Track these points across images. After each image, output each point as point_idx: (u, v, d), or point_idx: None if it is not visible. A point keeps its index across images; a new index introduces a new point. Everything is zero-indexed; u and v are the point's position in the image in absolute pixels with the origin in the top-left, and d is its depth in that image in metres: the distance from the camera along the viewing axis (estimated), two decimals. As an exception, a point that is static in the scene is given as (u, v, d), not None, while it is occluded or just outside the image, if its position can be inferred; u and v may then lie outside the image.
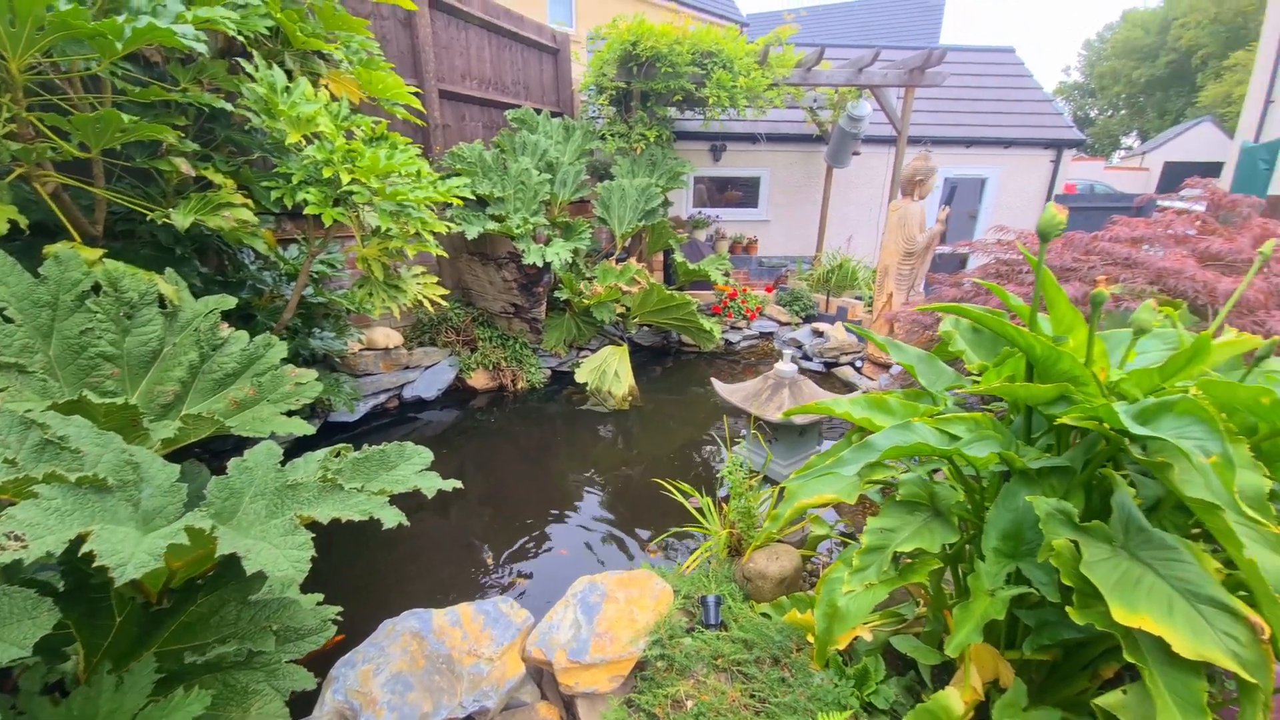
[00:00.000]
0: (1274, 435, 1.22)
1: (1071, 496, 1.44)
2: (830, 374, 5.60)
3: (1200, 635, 1.09)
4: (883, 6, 22.84)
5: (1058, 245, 2.57)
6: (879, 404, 1.89)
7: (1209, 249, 2.20)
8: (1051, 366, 1.45)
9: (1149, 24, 32.41)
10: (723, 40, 5.53)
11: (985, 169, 8.82)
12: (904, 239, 4.44)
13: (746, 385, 2.84)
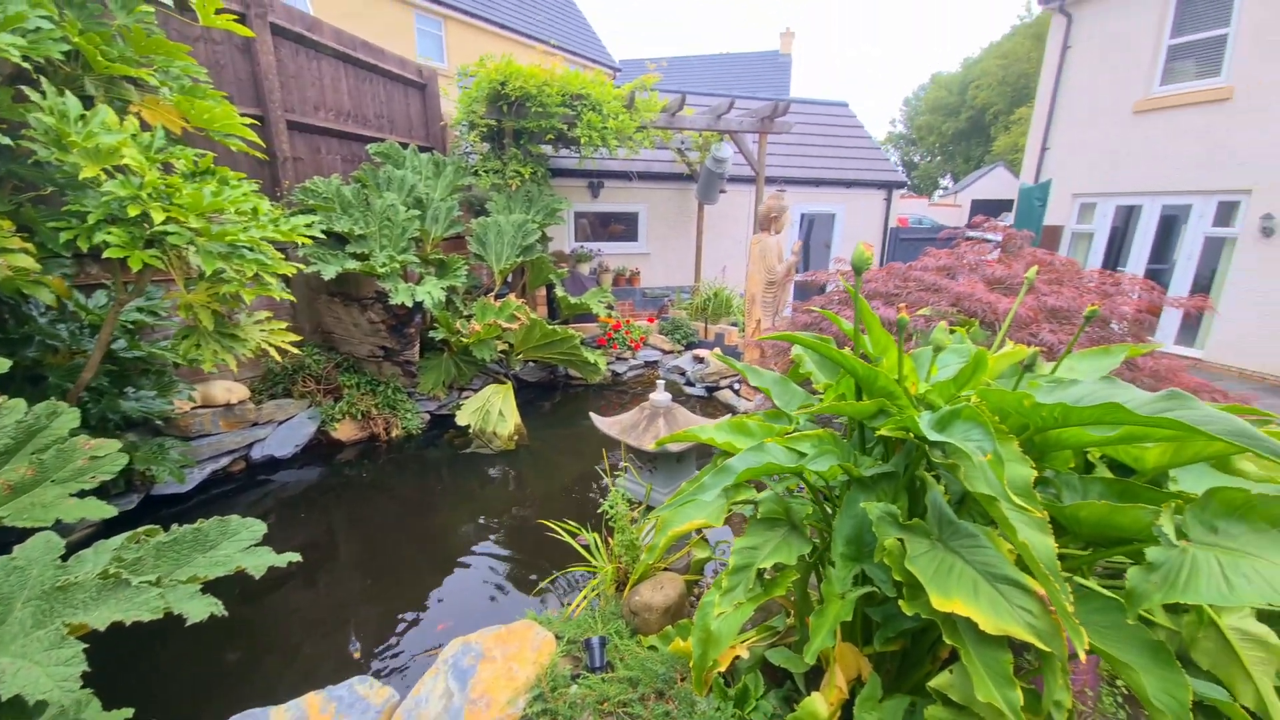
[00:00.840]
0: (1040, 430, 1.46)
1: (898, 499, 1.61)
2: (712, 398, 5.86)
3: (1000, 612, 1.25)
4: (738, 61, 25.26)
5: (882, 275, 2.95)
6: (740, 427, 2.01)
7: (994, 274, 2.66)
8: (871, 384, 1.63)
9: (951, 85, 38.96)
10: (590, 84, 5.76)
11: (834, 205, 9.94)
12: (765, 269, 4.83)
13: (624, 417, 2.87)
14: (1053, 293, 2.44)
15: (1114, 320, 2.54)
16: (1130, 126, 8.53)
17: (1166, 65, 8.18)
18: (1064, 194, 9.56)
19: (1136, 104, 8.42)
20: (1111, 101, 8.75)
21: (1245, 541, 1.12)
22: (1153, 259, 8.59)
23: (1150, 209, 8.50)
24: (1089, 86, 9.07)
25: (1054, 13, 9.47)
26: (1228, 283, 7.63)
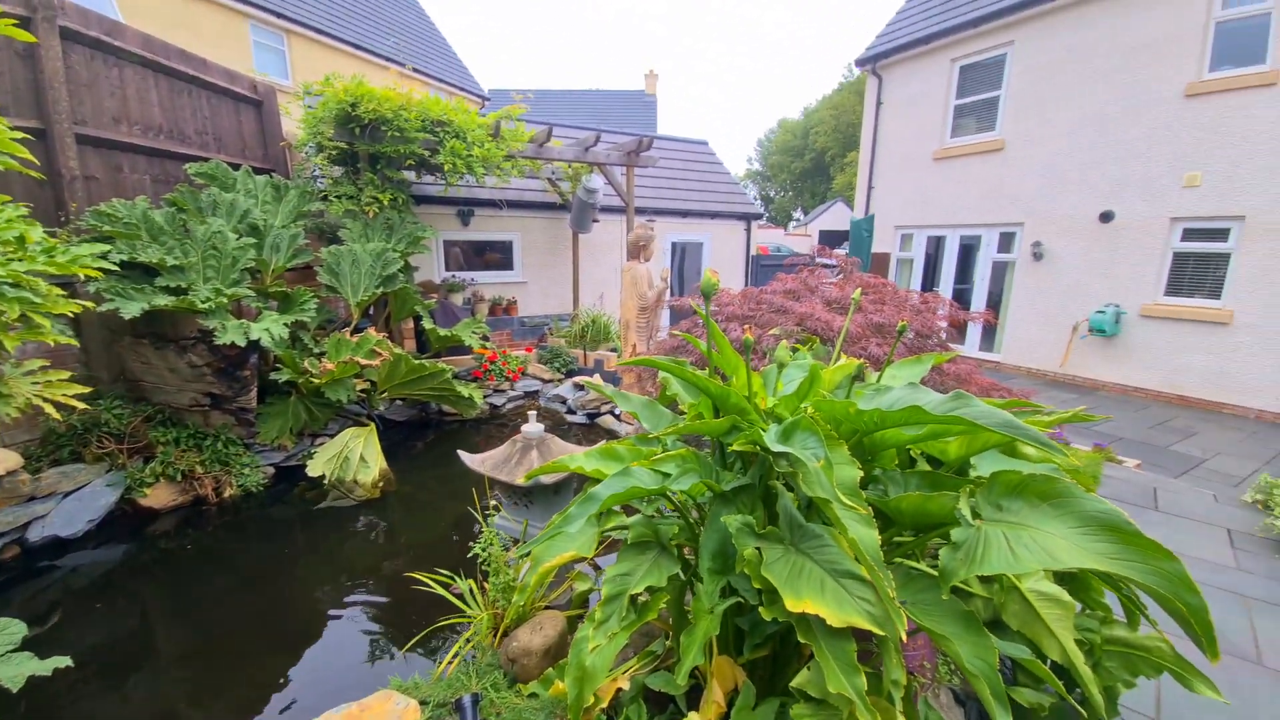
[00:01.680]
0: (867, 433, 1.63)
1: (756, 509, 1.70)
2: (594, 424, 5.85)
3: (844, 605, 1.35)
4: (607, 98, 26.34)
5: (739, 298, 3.19)
6: (609, 454, 2.00)
7: (831, 296, 3.00)
8: (725, 402, 1.71)
9: (796, 129, 43.90)
10: (453, 111, 5.62)
11: (701, 235, 10.60)
12: (637, 295, 4.98)
13: (495, 453, 2.75)
14: (877, 311, 2.80)
15: (926, 332, 2.97)
16: (932, 171, 10.18)
17: (955, 121, 9.92)
18: (888, 226, 11.10)
19: (935, 152, 10.09)
20: (917, 149, 10.39)
21: (1024, 515, 1.33)
22: (958, 279, 10.23)
23: (952, 239, 10.15)
24: (900, 136, 10.70)
25: (868, 74, 11.10)
26: (1012, 298, 9.31)
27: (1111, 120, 7.77)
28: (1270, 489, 4.15)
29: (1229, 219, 6.90)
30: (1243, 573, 3.36)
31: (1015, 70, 8.83)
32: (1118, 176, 7.77)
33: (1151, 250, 7.55)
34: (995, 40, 9.02)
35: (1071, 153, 8.22)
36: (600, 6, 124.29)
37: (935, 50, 9.84)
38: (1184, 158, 7.15)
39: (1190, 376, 7.29)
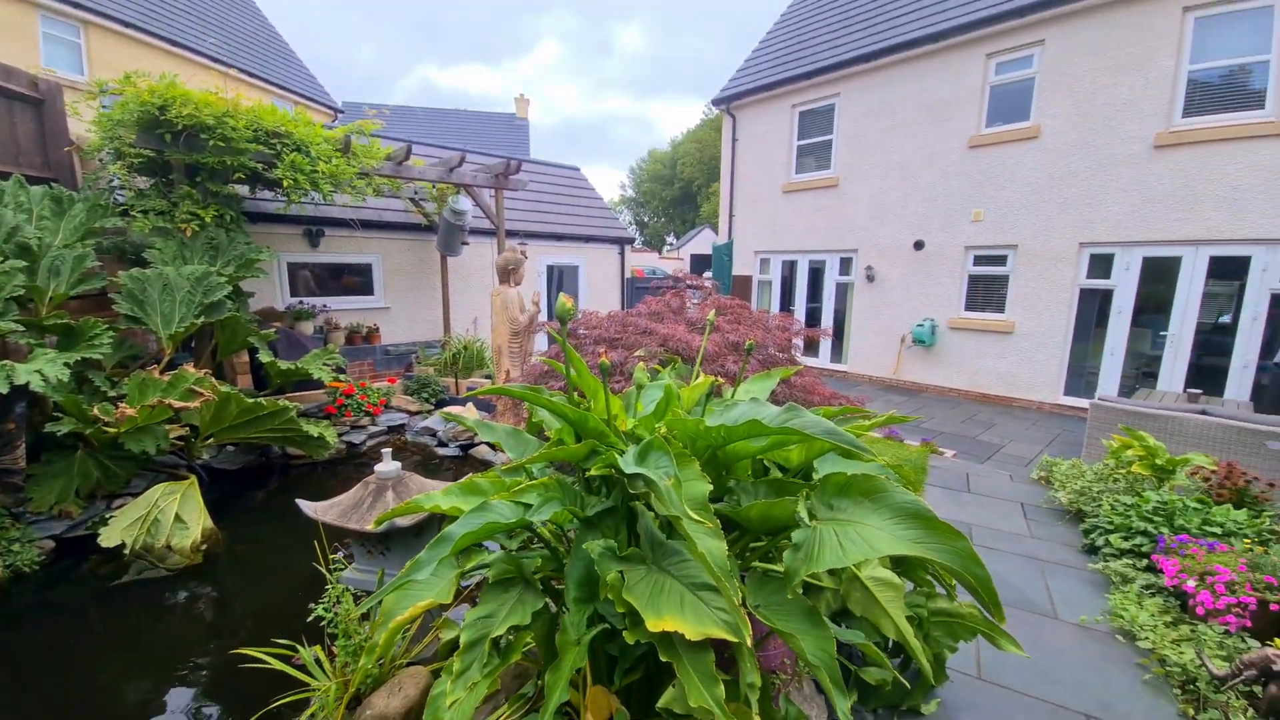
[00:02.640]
0: (720, 447, 1.71)
1: (620, 532, 1.70)
2: (468, 456, 5.55)
3: (701, 617, 1.38)
4: (477, 119, 25.82)
5: (606, 321, 3.25)
6: (470, 489, 1.89)
7: (694, 318, 3.17)
8: (584, 426, 1.71)
9: (664, 160, 46.35)
10: (291, 122, 5.11)
11: (577, 258, 10.68)
12: (508, 320, 4.85)
13: (343, 498, 2.48)
14: (733, 330, 3.00)
15: (778, 348, 3.24)
16: (783, 202, 11.28)
17: (798, 159, 11.10)
18: (748, 251, 12.05)
19: (783, 186, 11.20)
20: (769, 182, 11.46)
21: (851, 512, 1.47)
22: (810, 299, 11.36)
23: (802, 263, 11.28)
24: (754, 171, 11.73)
25: (724, 113, 12.08)
26: (853, 315, 10.54)
27: (915, 165, 9.20)
28: (1050, 467, 5.08)
29: (1006, 247, 8.45)
30: (1035, 539, 4.04)
31: (843, 118, 10.14)
32: (924, 212, 9.19)
33: (953, 273, 9.00)
34: (825, 92, 10.31)
35: (889, 190, 9.59)
36: (477, 32, 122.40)
37: (779, 96, 10.99)
38: (971, 197, 8.66)
39: (989, 377, 8.74)
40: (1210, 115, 6.72)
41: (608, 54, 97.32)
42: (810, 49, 11.04)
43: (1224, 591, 2.75)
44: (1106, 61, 7.27)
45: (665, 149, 46.96)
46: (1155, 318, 7.38)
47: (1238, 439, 4.45)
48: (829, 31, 11.10)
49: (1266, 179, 6.33)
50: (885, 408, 8.38)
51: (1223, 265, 6.83)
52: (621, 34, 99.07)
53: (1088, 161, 7.52)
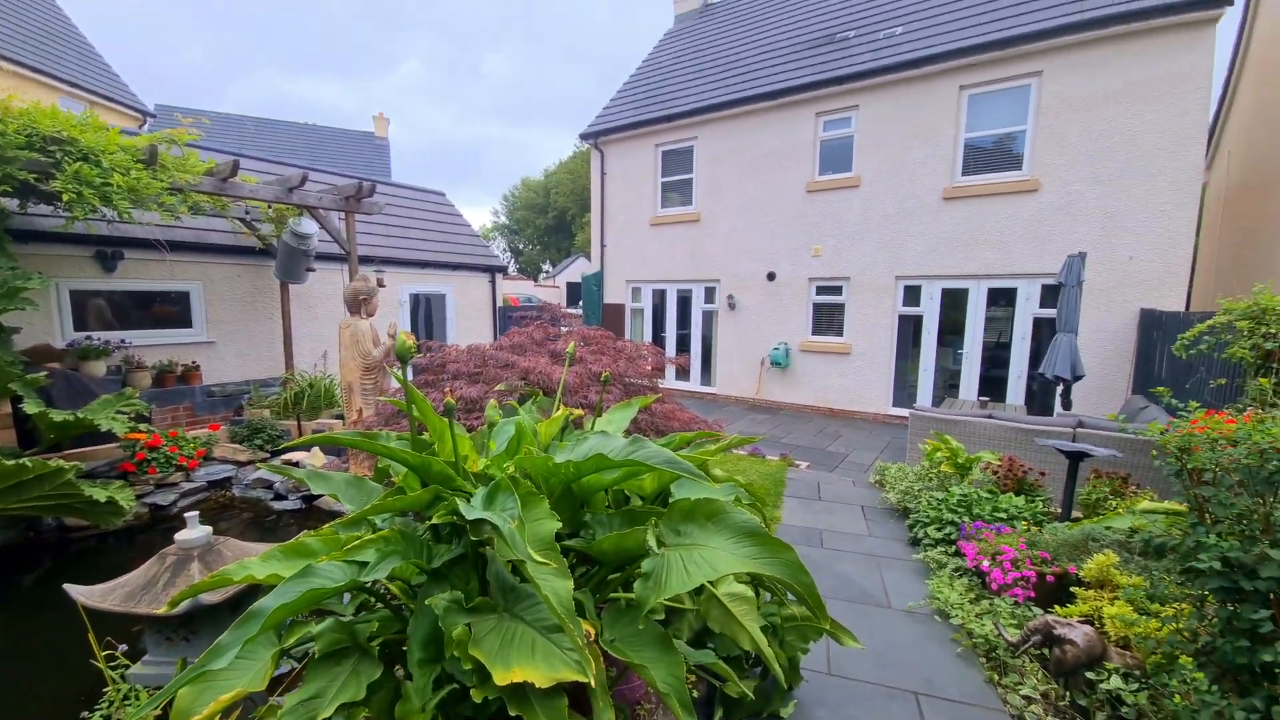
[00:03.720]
0: (574, 480, 1.70)
1: (470, 581, 1.61)
2: (313, 508, 4.93)
3: (553, 661, 1.34)
4: (332, 136, 23.87)
5: (465, 355, 3.12)
6: (297, 550, 1.67)
7: (556, 349, 3.16)
8: (428, 472, 1.60)
9: (538, 188, 46.41)
10: (76, 126, 4.30)
11: (443, 286, 10.18)
12: (360, 354, 4.45)
13: (130, 577, 2.05)
14: (596, 361, 3.04)
15: (640, 377, 3.34)
16: (650, 234, 11.81)
17: (663, 195, 11.74)
18: (620, 281, 12.39)
19: (651, 219, 11.75)
20: (637, 215, 11.96)
21: (696, 536, 1.53)
22: (680, 326, 11.92)
23: (671, 292, 11.84)
24: (623, 204, 12.17)
25: (592, 147, 12.45)
26: (718, 341, 11.24)
27: (764, 205, 10.20)
28: (883, 471, 5.76)
29: (841, 279, 9.62)
30: (873, 538, 4.53)
31: (701, 159, 10.96)
32: (774, 247, 10.17)
33: (801, 301, 10.02)
34: (684, 135, 11.10)
35: (743, 227, 10.49)
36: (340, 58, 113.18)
37: (643, 135, 11.60)
38: (810, 235, 9.77)
39: (834, 393, 9.78)
40: (983, 174, 8.31)
41: (477, 80, 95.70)
42: (671, 94, 11.85)
43: (1011, 568, 3.29)
44: (905, 127, 8.70)
45: (538, 177, 47.10)
46: (954, 338, 8.82)
47: (1016, 437, 5.41)
48: (687, 80, 12.01)
49: (1025, 226, 7.94)
50: (749, 426, 9.00)
51: (998, 295, 8.39)
52: (491, 62, 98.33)
53: (897, 208, 8.88)
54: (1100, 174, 7.36)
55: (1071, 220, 7.59)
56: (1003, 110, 8.12)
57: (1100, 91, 7.27)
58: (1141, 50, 7.01)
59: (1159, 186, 7.05)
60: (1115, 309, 7.42)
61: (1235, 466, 1.86)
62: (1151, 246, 7.16)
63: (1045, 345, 7.20)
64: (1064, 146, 7.57)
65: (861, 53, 9.35)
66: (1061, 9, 7.63)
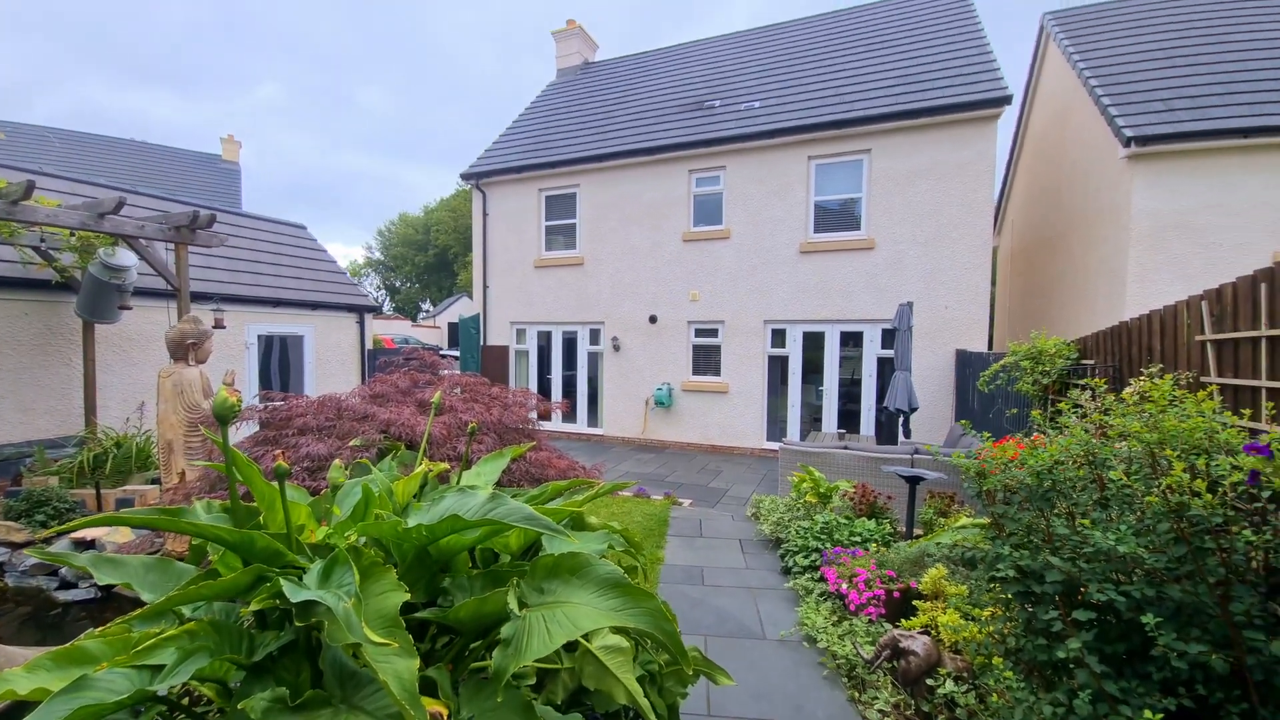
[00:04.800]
0: (431, 543, 1.58)
1: (302, 672, 1.41)
2: (114, 594, 4.06)
3: (399, 754, 1.20)
4: (171, 157, 21.09)
5: (314, 407, 2.82)
6: (72, 656, 1.36)
7: (423, 398, 2.98)
8: (251, 549, 1.40)
9: (418, 225, 44.48)
10: None
11: (301, 327, 9.24)
12: (185, 407, 3.85)
13: None
14: (468, 410, 2.91)
15: (512, 423, 3.25)
16: (535, 276, 11.78)
17: (548, 238, 11.83)
18: (504, 322, 12.13)
19: (535, 261, 11.74)
20: (521, 257, 11.89)
21: (560, 593, 1.48)
22: (566, 367, 11.87)
23: (556, 334, 11.81)
24: (506, 245, 12.06)
25: (474, 188, 12.29)
26: (604, 382, 11.34)
27: (645, 251, 10.68)
28: (758, 504, 6.07)
29: (717, 322, 10.25)
30: (750, 570, 4.71)
31: (584, 205, 11.27)
32: (655, 291, 10.62)
33: (682, 343, 10.49)
34: (568, 181, 11.38)
35: (626, 271, 10.86)
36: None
37: (527, 179, 11.70)
38: (688, 280, 10.36)
39: (715, 430, 10.24)
40: (830, 232, 9.43)
41: (352, 111, 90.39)
42: (555, 141, 12.14)
43: (865, 588, 3.59)
44: (766, 187, 9.69)
45: (418, 214, 45.24)
46: (816, 376, 9.72)
47: (867, 465, 6.02)
48: (570, 130, 12.41)
49: (865, 278, 9.08)
50: (635, 466, 9.08)
51: (849, 337, 9.44)
52: (367, 94, 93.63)
53: (762, 259, 9.75)
54: (920, 236, 8.71)
55: (901, 274, 8.85)
56: (843, 179, 9.37)
57: (915, 169, 8.69)
58: (943, 138, 8.53)
59: (962, 248, 8.49)
60: (938, 349, 8.68)
61: (1020, 486, 2.23)
62: (961, 297, 8.54)
63: (889, 381, 8.20)
64: (891, 212, 8.88)
65: (727, 120, 10.34)
66: (883, 100, 9.09)
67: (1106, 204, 7.92)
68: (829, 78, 10.47)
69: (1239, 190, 6.89)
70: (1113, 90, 7.96)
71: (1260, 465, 1.48)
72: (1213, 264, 6.91)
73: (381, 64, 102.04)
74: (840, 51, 11.28)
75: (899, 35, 11.00)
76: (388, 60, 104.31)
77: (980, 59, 9.13)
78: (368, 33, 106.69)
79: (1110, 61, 8.67)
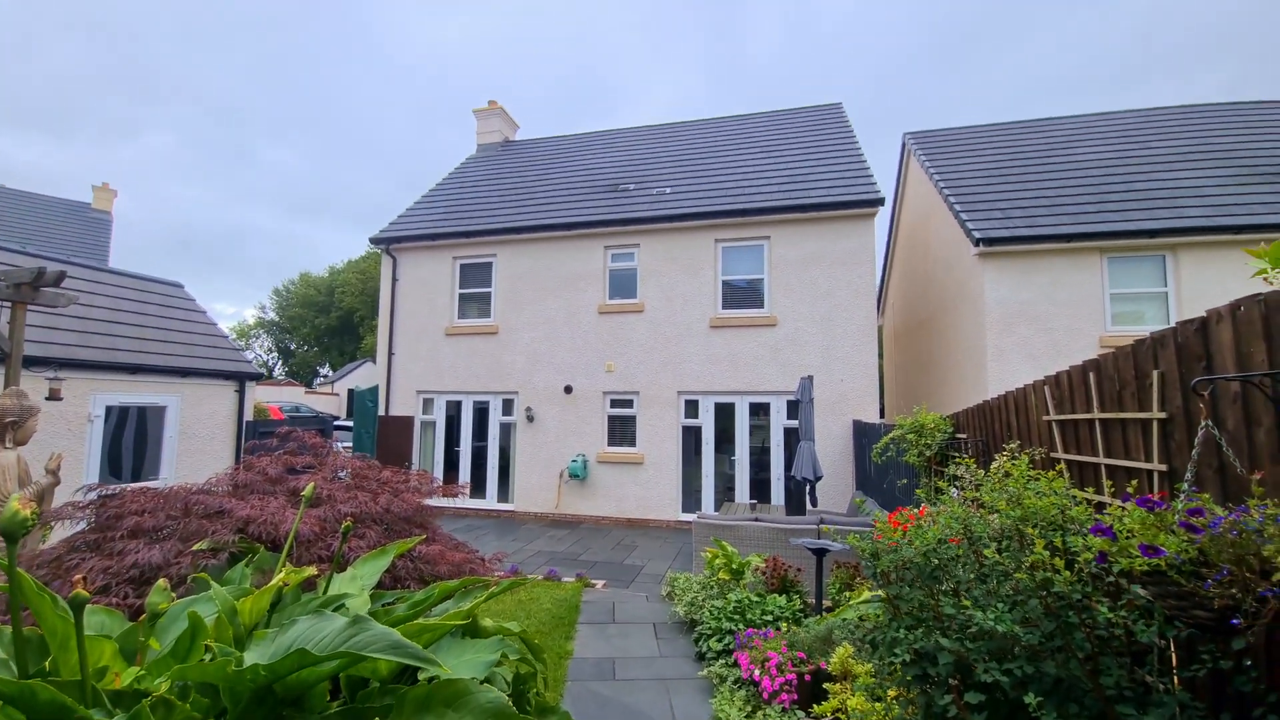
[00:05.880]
0: (279, 680, 1.34)
1: None
2: None
3: None
4: (28, 203, 18.75)
5: (153, 502, 2.40)
6: None
7: (297, 486, 2.65)
8: (32, 703, 1.11)
9: (321, 285, 42.08)
10: None
11: (164, 397, 8.16)
12: (-11, 501, 3.17)
13: None
14: (349, 499, 2.62)
15: (407, 514, 2.96)
16: (446, 344, 11.37)
17: (461, 306, 11.57)
18: (410, 391, 11.48)
19: (447, 328, 11.38)
20: (432, 324, 11.49)
21: (435, 729, 1.29)
22: (476, 437, 11.30)
23: (467, 404, 11.32)
24: (416, 311, 11.63)
25: (384, 253, 11.91)
26: (517, 454, 10.88)
27: (561, 321, 10.72)
28: (673, 582, 5.89)
29: (632, 393, 10.31)
30: (664, 659, 4.48)
31: (500, 274, 11.23)
32: (571, 361, 10.59)
33: (598, 413, 10.40)
34: (484, 250, 11.36)
35: (542, 341, 10.79)
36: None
37: (442, 247, 11.54)
38: (604, 351, 10.44)
39: (630, 503, 10.03)
40: (738, 309, 10.00)
41: (257, 165, 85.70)
42: (473, 211, 12.18)
43: (777, 674, 3.51)
44: (677, 265, 10.20)
45: (322, 274, 42.96)
46: (729, 446, 9.94)
47: (777, 537, 6.09)
48: (490, 201, 12.54)
49: (769, 352, 9.62)
50: (548, 544, 8.60)
51: (757, 408, 9.82)
52: (272, 150, 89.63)
53: (675, 332, 10.09)
54: (816, 315, 9.46)
55: (802, 350, 9.48)
56: (747, 260, 10.09)
57: (808, 255, 9.57)
58: (829, 230, 9.52)
59: (853, 327, 9.30)
60: (838, 419, 9.23)
61: (910, 565, 2.32)
62: (854, 372, 9.25)
63: (795, 450, 8.53)
64: (790, 293, 9.62)
65: (641, 203, 10.95)
66: (778, 195, 10.08)
67: (966, 293, 9.08)
68: (732, 171, 11.50)
69: (1067, 285, 8.19)
70: (963, 199, 9.37)
71: (1106, 546, 1.63)
72: (1053, 345, 8.04)
73: (293, 123, 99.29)
74: (742, 149, 12.49)
75: (791, 139, 12.42)
76: (299, 120, 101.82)
77: (857, 165, 10.47)
78: (280, 91, 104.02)
79: (960, 175, 10.27)
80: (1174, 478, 2.22)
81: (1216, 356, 1.99)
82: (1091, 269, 8.18)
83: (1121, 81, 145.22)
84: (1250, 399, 1.81)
